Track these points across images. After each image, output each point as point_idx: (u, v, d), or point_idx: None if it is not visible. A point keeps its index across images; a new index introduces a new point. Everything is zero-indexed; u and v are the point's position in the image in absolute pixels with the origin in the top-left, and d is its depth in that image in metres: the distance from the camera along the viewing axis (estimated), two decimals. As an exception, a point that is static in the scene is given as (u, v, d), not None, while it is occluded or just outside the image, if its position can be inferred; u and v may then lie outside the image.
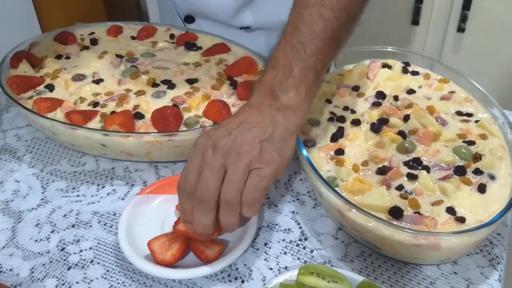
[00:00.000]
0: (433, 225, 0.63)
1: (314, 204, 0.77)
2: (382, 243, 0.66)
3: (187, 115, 0.82)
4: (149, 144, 0.78)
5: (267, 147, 0.62)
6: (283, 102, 0.65)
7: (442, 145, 0.74)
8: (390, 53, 0.90)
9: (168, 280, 0.68)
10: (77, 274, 0.69)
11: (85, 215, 0.76)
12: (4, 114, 0.96)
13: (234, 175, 0.61)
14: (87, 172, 0.83)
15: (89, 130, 0.78)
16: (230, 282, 0.67)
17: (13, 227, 0.75)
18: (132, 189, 0.80)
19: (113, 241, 0.73)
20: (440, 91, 0.84)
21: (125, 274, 0.69)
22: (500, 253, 0.69)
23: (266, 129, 0.63)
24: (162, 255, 0.65)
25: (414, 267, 0.68)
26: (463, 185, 0.69)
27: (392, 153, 0.73)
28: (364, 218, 0.64)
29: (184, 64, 0.94)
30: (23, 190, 0.81)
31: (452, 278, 0.67)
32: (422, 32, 2.01)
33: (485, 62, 1.98)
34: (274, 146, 0.63)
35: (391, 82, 0.86)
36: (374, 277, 0.67)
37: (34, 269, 0.69)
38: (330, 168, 0.72)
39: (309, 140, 0.76)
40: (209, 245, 0.67)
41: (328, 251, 0.71)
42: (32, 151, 0.88)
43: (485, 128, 0.76)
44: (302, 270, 0.61)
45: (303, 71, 0.66)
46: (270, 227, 0.74)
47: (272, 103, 0.65)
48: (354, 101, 0.83)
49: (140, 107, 0.83)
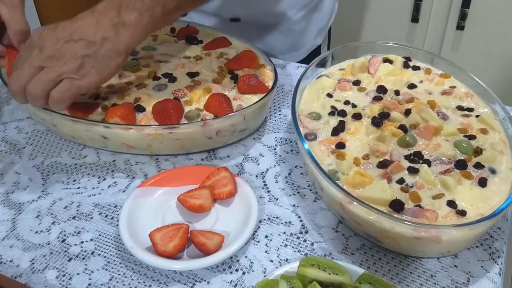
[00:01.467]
0: (434, 218, 0.63)
1: (315, 198, 0.77)
2: (383, 236, 0.66)
3: (188, 108, 0.82)
4: (150, 136, 0.78)
5: (87, 63, 0.70)
6: (122, 20, 0.70)
7: (443, 139, 0.74)
8: (391, 47, 0.90)
9: (169, 272, 0.68)
10: (77, 265, 0.69)
11: (86, 207, 0.76)
12: (5, 106, 0.95)
13: (45, 75, 0.70)
14: (88, 165, 0.83)
15: (90, 123, 0.78)
16: (231, 274, 0.67)
17: (13, 218, 0.75)
18: (133, 182, 0.80)
19: (114, 233, 0.73)
20: (441, 86, 0.84)
21: (126, 266, 0.69)
22: (501, 246, 0.69)
23: (92, 45, 0.69)
24: (164, 247, 0.65)
25: (414, 260, 0.68)
26: (464, 179, 0.69)
27: (393, 147, 0.73)
28: (365, 211, 0.64)
29: (185, 57, 0.94)
30: (24, 182, 0.81)
31: (452, 271, 0.67)
32: (422, 29, 2.02)
33: (484, 60, 1.98)
34: (95, 63, 0.70)
35: (392, 76, 0.86)
36: (375, 270, 0.67)
37: (35, 261, 0.69)
38: (331, 161, 0.72)
39: (310, 134, 0.76)
40: (210, 237, 0.67)
41: (328, 244, 0.71)
42: (32, 143, 0.87)
43: (486, 122, 0.76)
44: (303, 262, 0.61)
45: (153, 2, 0.71)
46: (271, 220, 0.74)
47: (113, 17, 0.70)
48: (355, 95, 0.83)
49: (141, 100, 0.83)
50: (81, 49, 0.69)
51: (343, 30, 1.93)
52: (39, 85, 0.70)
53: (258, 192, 0.78)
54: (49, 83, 0.70)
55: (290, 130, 0.89)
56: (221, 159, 0.84)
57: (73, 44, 0.70)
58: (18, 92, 0.72)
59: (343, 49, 0.89)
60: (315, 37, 1.21)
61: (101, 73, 0.72)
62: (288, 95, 0.97)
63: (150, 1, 0.71)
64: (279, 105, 0.94)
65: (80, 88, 0.71)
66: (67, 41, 0.70)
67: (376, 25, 2.08)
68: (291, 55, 1.19)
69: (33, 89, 0.70)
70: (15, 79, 0.71)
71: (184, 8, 0.78)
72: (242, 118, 0.81)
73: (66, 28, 0.71)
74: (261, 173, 0.81)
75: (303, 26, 1.16)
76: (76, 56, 0.69)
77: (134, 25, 0.71)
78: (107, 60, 0.71)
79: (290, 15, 1.12)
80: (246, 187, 0.74)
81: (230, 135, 0.83)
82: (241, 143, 0.87)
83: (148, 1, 0.71)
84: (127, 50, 0.72)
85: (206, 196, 0.72)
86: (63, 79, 0.70)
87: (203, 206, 0.72)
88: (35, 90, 0.70)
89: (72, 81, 0.70)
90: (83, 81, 0.71)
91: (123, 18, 0.70)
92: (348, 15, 2.01)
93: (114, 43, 0.71)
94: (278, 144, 0.86)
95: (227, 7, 1.09)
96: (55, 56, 0.70)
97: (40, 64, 0.70)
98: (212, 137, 0.81)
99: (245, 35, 1.00)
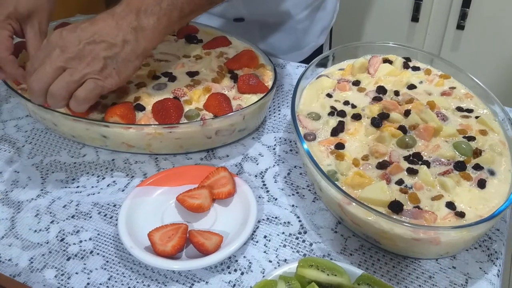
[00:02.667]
0: (432, 219, 0.63)
1: (314, 198, 0.77)
2: (382, 237, 0.66)
3: (188, 108, 0.82)
4: (150, 136, 0.78)
5: (109, 65, 0.71)
6: (141, 24, 0.71)
7: (443, 141, 0.74)
8: (391, 48, 0.90)
9: (167, 271, 0.68)
10: (76, 264, 0.69)
11: (85, 206, 0.76)
12: (4, 105, 0.95)
13: (69, 76, 0.70)
14: (87, 164, 0.83)
15: (90, 122, 0.78)
16: (230, 274, 0.67)
17: (12, 217, 0.75)
18: (132, 181, 0.80)
19: (113, 232, 0.73)
20: (441, 86, 0.84)
21: (125, 265, 0.69)
22: (499, 248, 0.70)
23: (114, 47, 0.70)
24: (162, 246, 0.65)
25: (413, 261, 0.68)
26: (463, 180, 0.69)
27: (393, 148, 0.73)
28: (364, 212, 0.64)
29: (184, 56, 0.94)
30: (23, 180, 0.81)
31: (451, 273, 0.67)
32: (422, 29, 2.02)
33: (484, 60, 1.98)
34: (116, 65, 0.71)
35: (392, 77, 0.86)
36: (373, 271, 0.67)
37: (33, 259, 0.69)
38: (330, 162, 0.72)
39: (309, 134, 0.76)
40: (208, 237, 0.67)
41: (327, 244, 0.71)
42: (31, 142, 0.87)
43: (485, 124, 0.76)
44: (302, 263, 0.61)
45: (170, 6, 0.73)
46: (269, 220, 0.74)
47: (132, 21, 0.71)
48: (355, 96, 0.83)
49: (141, 99, 0.83)
50: (103, 51, 0.70)
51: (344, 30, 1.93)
52: (64, 86, 0.70)
53: (257, 192, 0.78)
54: (74, 84, 0.70)
55: (290, 130, 0.89)
56: (220, 159, 0.84)
57: (95, 45, 0.70)
58: (40, 92, 0.71)
59: (343, 49, 0.89)
60: (318, 36, 1.21)
61: (121, 75, 0.73)
62: (287, 95, 0.97)
63: (168, 6, 0.72)
64: (279, 105, 0.94)
65: (103, 88, 0.72)
66: (89, 42, 0.70)
67: (376, 24, 2.08)
68: (294, 54, 1.19)
69: (57, 89, 0.70)
70: (37, 80, 0.70)
71: (200, 11, 0.79)
72: (241, 117, 0.81)
73: (87, 29, 0.71)
74: (260, 173, 0.81)
75: (306, 25, 1.16)
76: (98, 58, 0.70)
77: (152, 29, 0.72)
78: (127, 62, 0.72)
79: (294, 14, 1.12)
80: (245, 187, 0.74)
81: (230, 135, 0.83)
82: (240, 143, 0.87)
83: (166, 6, 0.72)
84: (144, 53, 0.74)
85: (205, 195, 0.72)
86: (87, 79, 0.71)
87: (202, 206, 0.72)
88: (59, 91, 0.70)
89: (96, 82, 0.71)
90: (106, 82, 0.72)
91: (142, 22, 0.72)
92: (349, 15, 2.01)
93: (134, 46, 0.72)
94: (278, 144, 0.86)
95: (232, 7, 1.09)
96: (78, 57, 0.70)
97: (62, 64, 0.70)
98: (211, 136, 0.81)
99: (248, 35, 1.00)
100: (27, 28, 0.81)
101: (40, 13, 0.82)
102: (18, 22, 0.81)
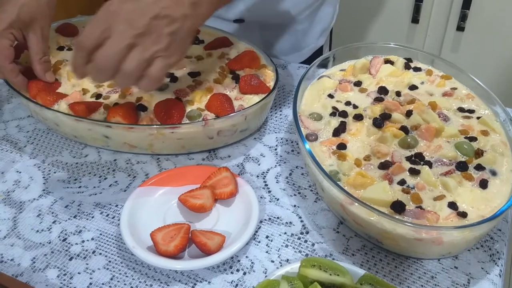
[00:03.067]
0: (435, 219, 0.64)
1: (316, 198, 0.77)
2: (384, 237, 0.66)
3: (190, 108, 0.82)
4: (152, 136, 0.78)
5: (173, 41, 0.68)
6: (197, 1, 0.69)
7: (444, 141, 0.74)
8: (392, 48, 0.90)
9: (170, 271, 0.68)
10: (79, 264, 0.69)
11: (87, 206, 0.76)
12: (6, 105, 0.95)
13: (140, 54, 0.66)
14: (89, 164, 0.83)
15: (92, 122, 0.78)
16: (232, 274, 0.68)
17: (14, 217, 0.75)
18: (134, 181, 0.80)
19: (115, 232, 0.73)
20: (442, 87, 0.84)
21: (127, 265, 0.69)
22: (501, 248, 0.70)
23: (176, 22, 0.68)
24: (165, 246, 0.65)
25: (415, 261, 0.69)
26: (465, 181, 0.69)
27: (395, 148, 0.74)
28: (366, 212, 0.64)
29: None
30: (25, 180, 0.81)
31: (453, 273, 0.67)
32: (422, 30, 2.02)
33: (483, 61, 1.99)
34: (178, 41, 0.69)
35: (394, 77, 0.86)
36: (375, 271, 0.68)
37: (36, 259, 0.70)
38: (332, 162, 0.72)
39: (311, 134, 0.76)
40: (211, 237, 0.67)
41: (329, 244, 0.71)
42: (33, 142, 0.87)
43: (487, 124, 0.77)
44: (304, 263, 0.61)
45: None
46: (271, 221, 0.74)
47: None
48: (356, 96, 0.83)
49: (143, 100, 0.83)
50: (166, 27, 0.67)
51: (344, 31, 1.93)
52: (136, 64, 0.66)
53: (259, 192, 0.78)
54: (144, 62, 0.67)
55: (291, 130, 0.89)
56: (222, 159, 0.84)
57: (160, 21, 0.67)
58: (110, 70, 0.66)
59: (344, 50, 0.89)
60: (318, 37, 1.21)
61: (182, 51, 0.71)
62: (289, 96, 0.97)
63: None
64: (280, 105, 0.95)
65: (170, 66, 0.70)
66: (153, 17, 0.66)
67: (376, 25, 2.08)
68: (294, 55, 1.20)
69: (132, 69, 0.66)
70: (106, 56, 0.66)
71: None
72: (243, 118, 0.81)
73: (150, 2, 0.67)
74: (262, 173, 0.81)
75: (306, 26, 1.16)
76: (163, 35, 0.67)
77: (207, 3, 0.71)
78: (186, 37, 0.70)
79: (294, 15, 1.12)
80: (247, 187, 0.74)
81: (231, 135, 0.83)
82: (242, 143, 0.87)
83: None
84: (195, 30, 0.73)
85: (207, 196, 0.72)
86: (156, 57, 0.68)
87: (204, 206, 0.72)
88: (133, 70, 0.67)
89: (164, 60, 0.68)
90: (171, 60, 0.69)
91: None
92: (349, 16, 2.01)
93: (192, 21, 0.70)
94: (279, 144, 0.86)
95: (232, 8, 1.09)
96: (145, 33, 0.66)
97: (131, 41, 0.65)
98: (213, 137, 0.81)
99: (248, 36, 1.00)
100: (29, 35, 0.81)
101: (42, 18, 0.82)
102: (20, 29, 0.80)
